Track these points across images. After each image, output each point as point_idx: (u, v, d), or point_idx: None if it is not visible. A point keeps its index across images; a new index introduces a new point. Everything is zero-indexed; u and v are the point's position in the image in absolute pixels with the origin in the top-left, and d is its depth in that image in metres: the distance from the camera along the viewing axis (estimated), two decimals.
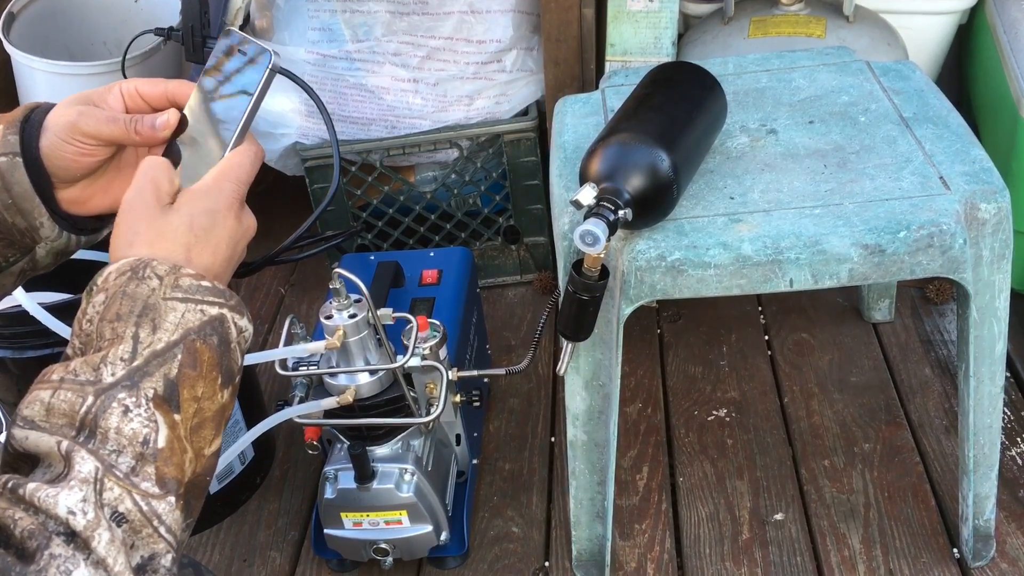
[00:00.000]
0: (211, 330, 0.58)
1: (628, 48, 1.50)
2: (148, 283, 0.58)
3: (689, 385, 1.49)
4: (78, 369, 0.55)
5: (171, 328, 0.57)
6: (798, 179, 0.99)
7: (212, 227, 0.62)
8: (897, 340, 1.52)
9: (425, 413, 1.14)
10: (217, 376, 0.58)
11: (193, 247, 0.61)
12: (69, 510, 0.50)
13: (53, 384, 0.55)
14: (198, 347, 0.57)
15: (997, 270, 0.97)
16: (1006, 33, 1.46)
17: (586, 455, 1.11)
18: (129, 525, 0.52)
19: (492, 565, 1.25)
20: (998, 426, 1.08)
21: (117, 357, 0.55)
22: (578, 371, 1.05)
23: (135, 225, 0.61)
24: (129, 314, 0.57)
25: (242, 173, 0.66)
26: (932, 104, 1.08)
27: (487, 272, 1.75)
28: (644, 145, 0.91)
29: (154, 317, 0.57)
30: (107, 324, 0.57)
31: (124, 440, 0.53)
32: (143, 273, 0.58)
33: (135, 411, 0.54)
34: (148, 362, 0.55)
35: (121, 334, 0.56)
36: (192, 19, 1.41)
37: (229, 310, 0.60)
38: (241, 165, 0.66)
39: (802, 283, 0.94)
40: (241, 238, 0.65)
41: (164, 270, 0.59)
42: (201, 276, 0.60)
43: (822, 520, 1.25)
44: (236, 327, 0.60)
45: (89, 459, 0.52)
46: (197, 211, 0.62)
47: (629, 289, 0.96)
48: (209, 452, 0.58)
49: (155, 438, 0.54)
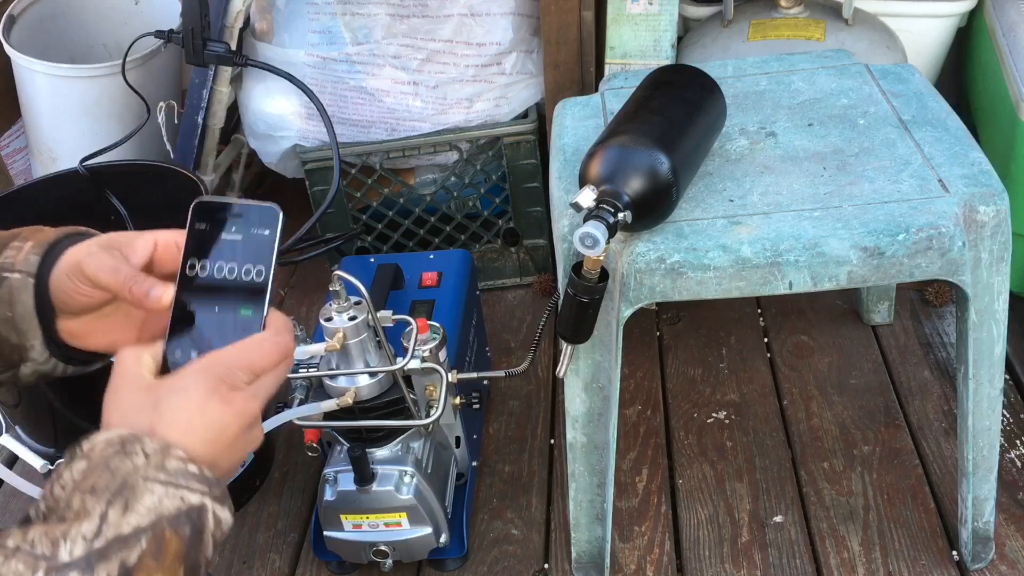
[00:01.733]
0: (186, 519, 0.55)
1: (628, 51, 1.50)
2: (133, 459, 0.55)
3: (689, 387, 1.49)
4: (36, 540, 0.52)
5: (143, 512, 0.54)
6: (797, 182, 1.00)
7: (181, 409, 0.58)
8: (896, 342, 1.52)
9: (425, 415, 1.14)
10: (179, 569, 0.55)
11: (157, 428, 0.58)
12: None
13: (6, 551, 0.52)
14: (167, 536, 0.54)
15: (996, 273, 0.97)
16: (1005, 36, 1.46)
17: (586, 457, 1.11)
18: None
19: (492, 567, 1.25)
20: (997, 428, 1.08)
21: (79, 535, 0.52)
22: (578, 373, 1.05)
23: (117, 399, 0.59)
24: (104, 489, 0.54)
25: (241, 360, 0.60)
26: (931, 107, 1.09)
27: (487, 274, 1.75)
28: (644, 148, 0.91)
29: (129, 497, 0.54)
30: (79, 495, 0.54)
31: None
32: (131, 448, 0.56)
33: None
34: (109, 546, 0.52)
35: (89, 510, 0.54)
36: (192, 22, 1.41)
37: (212, 500, 0.57)
38: (241, 354, 0.60)
39: (801, 285, 0.94)
40: (232, 423, 0.59)
41: (153, 448, 0.56)
42: (190, 459, 0.57)
43: (821, 522, 1.25)
44: (215, 518, 0.57)
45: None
46: (169, 388, 0.59)
47: (628, 291, 0.96)
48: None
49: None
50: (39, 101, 1.73)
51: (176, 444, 0.57)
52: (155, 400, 0.58)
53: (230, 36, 1.52)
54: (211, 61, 1.45)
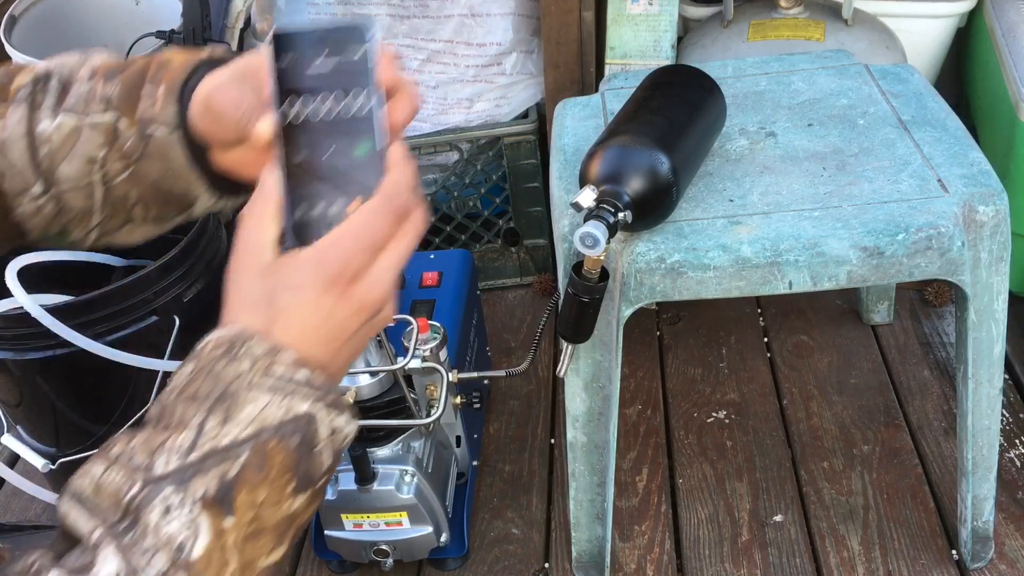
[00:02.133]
0: (292, 429, 0.51)
1: (628, 51, 1.51)
2: (238, 364, 0.51)
3: (689, 387, 1.49)
4: (137, 448, 0.50)
5: (244, 422, 0.50)
6: (797, 182, 1.00)
7: (296, 307, 0.53)
8: (896, 342, 1.52)
9: (425, 415, 1.15)
10: (289, 481, 0.51)
11: (274, 326, 0.53)
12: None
13: (109, 460, 0.50)
14: (270, 448, 0.50)
15: (995, 272, 0.98)
16: (1004, 36, 1.46)
17: (586, 457, 1.11)
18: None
19: (492, 567, 1.26)
20: (996, 428, 1.08)
21: (175, 446, 0.50)
22: (578, 373, 1.05)
23: (238, 282, 0.54)
24: (205, 397, 0.51)
25: (357, 243, 0.53)
26: (930, 107, 1.09)
27: (487, 274, 1.75)
28: (644, 148, 0.91)
29: (229, 407, 0.51)
30: (181, 402, 0.51)
31: (161, 541, 0.48)
32: (238, 351, 0.52)
33: (177, 511, 0.48)
34: (205, 459, 0.49)
35: (187, 421, 0.50)
36: (193, 22, 1.41)
37: (324, 407, 0.52)
38: (354, 235, 0.53)
39: (801, 285, 0.94)
40: (351, 319, 0.54)
41: (261, 351, 0.52)
42: (300, 364, 0.52)
43: (821, 522, 1.25)
44: (329, 427, 0.53)
45: (113, 559, 0.46)
46: (283, 280, 0.53)
47: (629, 291, 0.96)
48: (264, 564, 0.51)
49: (191, 547, 0.48)
50: None
51: (287, 347, 0.52)
52: (270, 293, 0.53)
53: (231, 36, 1.53)
54: None
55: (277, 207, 0.54)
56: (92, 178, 0.65)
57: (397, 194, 0.53)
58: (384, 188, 0.53)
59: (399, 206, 0.53)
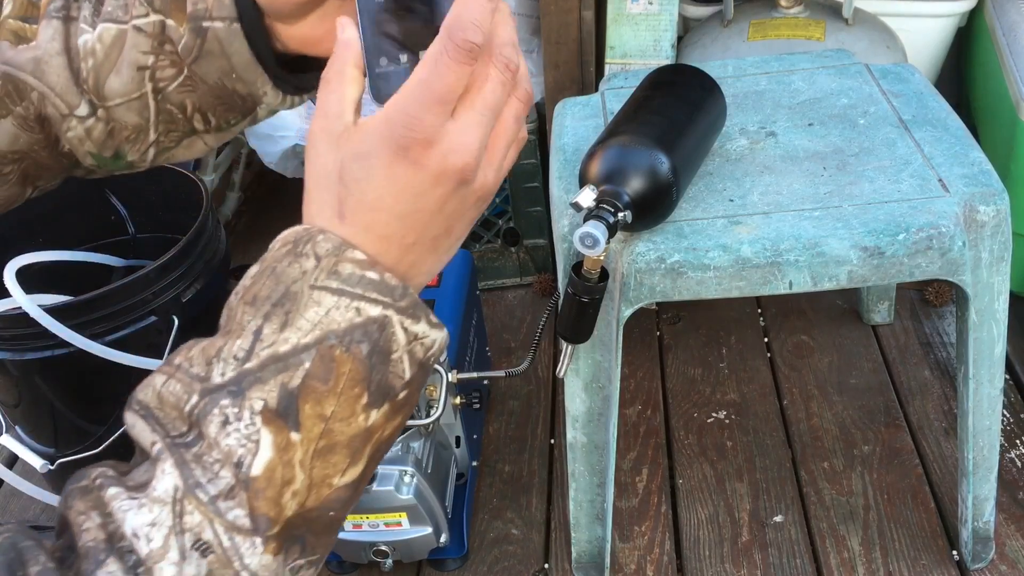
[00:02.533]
0: (361, 335, 0.46)
1: (628, 51, 1.50)
2: (302, 263, 0.46)
3: (689, 387, 1.49)
4: (195, 358, 0.46)
5: (306, 327, 0.45)
6: (797, 181, 1.00)
7: (367, 179, 0.47)
8: (896, 342, 1.52)
9: (425, 415, 1.15)
10: (361, 394, 0.46)
11: (346, 203, 0.47)
12: (134, 532, 0.43)
13: (170, 370, 0.47)
14: (336, 355, 0.45)
15: (996, 272, 0.97)
16: (1005, 36, 1.46)
17: (586, 457, 1.11)
18: (215, 557, 0.44)
19: (492, 567, 1.25)
20: (997, 428, 1.08)
21: (231, 354, 0.45)
22: (578, 373, 1.05)
23: (314, 150, 0.49)
24: (265, 300, 0.46)
25: (424, 97, 0.45)
26: (931, 106, 1.09)
27: (487, 274, 1.75)
28: (644, 147, 0.91)
29: (290, 310, 0.46)
30: (242, 306, 0.47)
31: (222, 455, 0.44)
32: (302, 248, 0.47)
33: (234, 424, 0.44)
34: (264, 366, 0.45)
35: (244, 325, 0.46)
36: None
37: (396, 312, 0.47)
38: (421, 82, 0.46)
39: (801, 285, 0.94)
40: (428, 191, 0.47)
41: (326, 249, 0.46)
42: (371, 263, 0.47)
43: (821, 522, 1.25)
44: (407, 333, 0.47)
45: (171, 473, 0.44)
46: (352, 150, 0.47)
47: (629, 291, 0.96)
48: (340, 483, 0.47)
49: (250, 462, 0.44)
50: None
51: (356, 241, 0.47)
52: (341, 165, 0.47)
53: None
54: None
55: (357, 60, 0.49)
56: (144, 89, 0.59)
57: (460, 30, 0.45)
58: (444, 28, 0.45)
59: (463, 45, 0.45)
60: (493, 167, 0.50)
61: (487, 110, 0.47)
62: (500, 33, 0.47)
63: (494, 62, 0.47)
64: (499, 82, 0.47)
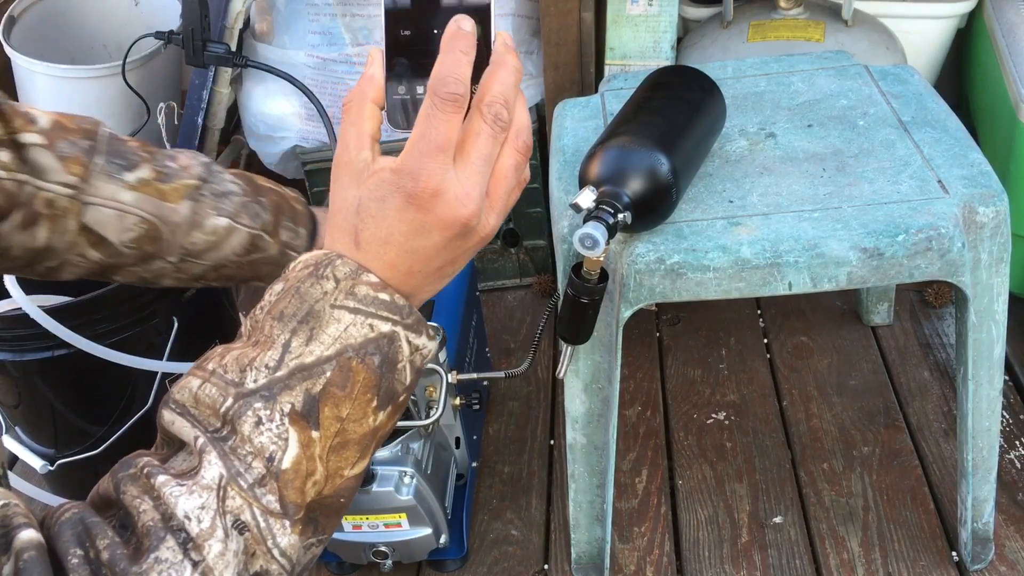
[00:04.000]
0: (374, 348, 0.53)
1: (627, 52, 1.50)
2: (323, 284, 0.53)
3: (688, 388, 1.49)
4: (229, 365, 0.53)
5: (328, 341, 0.52)
6: (797, 182, 1.00)
7: (381, 218, 0.54)
8: (896, 343, 1.52)
9: (425, 416, 1.15)
10: (371, 399, 0.54)
11: (361, 234, 0.55)
12: (186, 514, 0.49)
13: (204, 374, 0.53)
14: (353, 366, 0.53)
15: (995, 273, 0.97)
16: (1004, 37, 1.46)
17: (585, 458, 1.11)
18: (251, 534, 0.50)
19: (491, 568, 1.25)
20: (996, 429, 1.08)
21: (263, 363, 0.52)
22: (577, 374, 1.05)
23: (338, 179, 0.56)
24: (291, 317, 0.53)
25: (424, 147, 0.53)
26: (930, 108, 1.09)
27: (486, 275, 1.75)
28: (643, 148, 0.91)
29: (314, 326, 0.53)
30: (269, 320, 0.54)
31: (256, 450, 0.51)
32: (323, 271, 0.54)
33: (267, 424, 0.51)
34: (292, 375, 0.52)
35: (274, 339, 0.53)
36: (192, 22, 1.41)
37: (403, 328, 0.54)
38: (420, 136, 0.53)
39: (801, 286, 0.94)
40: (435, 233, 0.54)
41: (344, 272, 0.54)
42: (382, 286, 0.54)
43: (821, 523, 1.25)
44: (410, 345, 0.55)
45: (217, 464, 0.50)
46: (369, 191, 0.54)
47: (628, 292, 0.96)
48: (350, 474, 0.54)
49: (280, 457, 0.51)
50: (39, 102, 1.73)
51: (369, 267, 0.54)
52: (359, 200, 0.54)
53: (230, 37, 1.52)
54: (211, 62, 1.45)
55: (378, 95, 0.56)
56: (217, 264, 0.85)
57: (442, 85, 0.51)
58: (428, 87, 0.52)
59: (446, 97, 0.51)
60: (495, 212, 0.56)
61: (482, 161, 0.54)
62: (493, 89, 0.54)
63: (484, 118, 0.53)
64: (489, 136, 0.54)
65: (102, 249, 0.81)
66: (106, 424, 1.25)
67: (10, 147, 0.76)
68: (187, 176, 0.83)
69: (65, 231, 0.79)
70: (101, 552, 0.47)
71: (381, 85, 0.56)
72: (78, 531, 0.48)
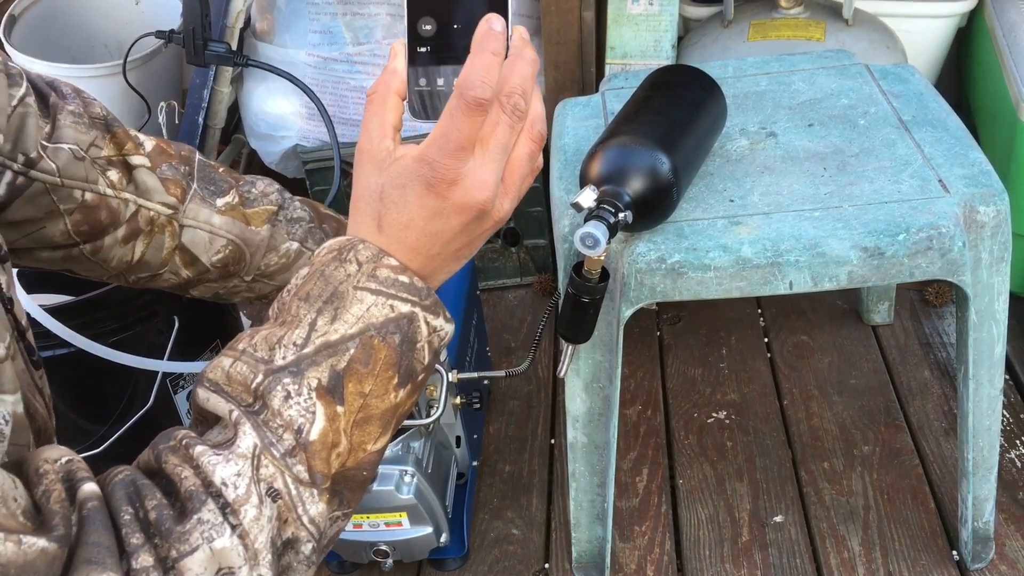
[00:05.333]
0: (395, 328, 0.56)
1: (628, 51, 1.50)
2: (346, 267, 0.57)
3: (689, 387, 1.49)
4: (258, 344, 0.56)
5: (351, 320, 0.55)
6: (798, 182, 1.00)
7: (402, 204, 0.57)
8: (896, 343, 1.52)
9: (425, 415, 1.15)
10: (392, 376, 0.57)
11: (384, 219, 0.58)
12: (223, 481, 0.51)
13: (236, 354, 0.56)
14: (375, 344, 0.56)
15: (996, 273, 0.97)
16: (1005, 36, 1.46)
17: (586, 457, 1.11)
18: (283, 501, 0.53)
19: (492, 567, 1.25)
20: (997, 428, 1.08)
21: (291, 341, 0.55)
22: (578, 373, 1.05)
23: (360, 167, 0.59)
24: (317, 298, 0.56)
25: (444, 144, 0.55)
26: (931, 107, 1.09)
27: (487, 274, 1.75)
28: (644, 148, 0.91)
29: (338, 306, 0.56)
30: (296, 301, 0.57)
31: (286, 422, 0.54)
32: (346, 255, 0.57)
33: (296, 399, 0.54)
34: (318, 352, 0.55)
35: (301, 318, 0.56)
36: (193, 22, 1.41)
37: (422, 309, 0.57)
38: (441, 133, 0.56)
39: (801, 285, 0.94)
40: (451, 219, 0.57)
41: (366, 256, 0.57)
42: (402, 269, 0.57)
43: (822, 522, 1.25)
44: (428, 326, 0.58)
45: (251, 434, 0.53)
46: (390, 179, 0.57)
47: (629, 291, 0.96)
48: (372, 448, 0.57)
49: (308, 429, 0.54)
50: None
51: (391, 250, 0.57)
52: (381, 187, 0.57)
53: (231, 36, 1.53)
54: (212, 61, 1.45)
55: (400, 87, 0.58)
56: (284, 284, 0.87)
57: (470, 89, 0.54)
58: (457, 86, 0.55)
59: (472, 102, 0.54)
60: (509, 197, 0.59)
61: (499, 150, 0.56)
62: (511, 81, 0.56)
63: (503, 108, 0.56)
64: (508, 125, 0.56)
65: (193, 268, 0.87)
66: (107, 423, 1.25)
67: (120, 167, 0.81)
68: (267, 202, 0.89)
69: (161, 247, 0.84)
70: (149, 512, 0.50)
71: (403, 78, 0.58)
72: (129, 491, 0.51)
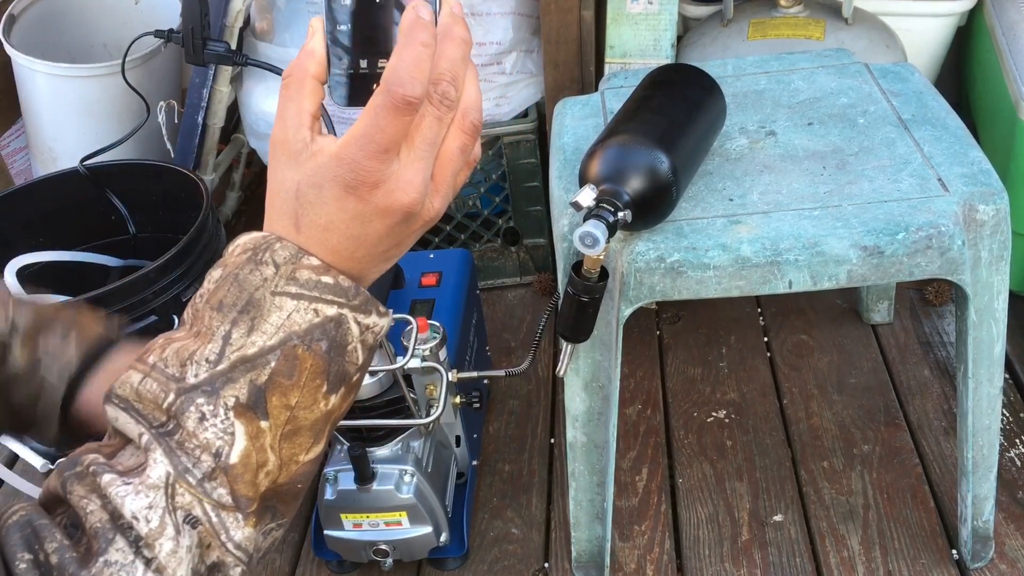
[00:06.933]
0: (320, 334, 0.51)
1: (627, 50, 1.50)
2: (262, 270, 0.51)
3: (688, 386, 1.49)
4: (169, 359, 0.51)
5: (270, 331, 0.50)
6: (797, 181, 1.00)
7: (319, 204, 0.51)
8: (896, 342, 1.52)
9: (425, 414, 1.15)
10: (321, 384, 0.51)
11: (301, 220, 0.51)
12: (133, 515, 0.48)
13: (146, 368, 0.51)
14: (299, 354, 0.50)
15: (995, 272, 0.97)
16: (1004, 35, 1.46)
17: (586, 456, 1.11)
18: (203, 527, 0.49)
19: (492, 566, 1.25)
20: (996, 427, 1.08)
21: (203, 358, 0.50)
22: (578, 372, 1.05)
23: (275, 161, 0.53)
24: (231, 307, 0.51)
25: (365, 144, 0.49)
26: (931, 106, 1.09)
27: (487, 274, 1.75)
28: (643, 147, 0.91)
29: (255, 316, 0.50)
30: (208, 311, 0.51)
31: (202, 445, 0.49)
32: (262, 256, 0.51)
33: (211, 420, 0.49)
34: (234, 367, 0.50)
35: (214, 330, 0.50)
36: (192, 21, 1.41)
37: (351, 310, 0.52)
38: (363, 132, 0.49)
39: (801, 284, 0.94)
40: (374, 219, 0.51)
41: (284, 256, 0.51)
42: (325, 268, 0.51)
43: (821, 521, 1.25)
44: (360, 326, 0.52)
45: (163, 461, 0.49)
46: (307, 176, 0.51)
47: (628, 290, 0.96)
48: (305, 459, 0.53)
49: (228, 452, 0.49)
50: (39, 101, 1.73)
51: (311, 251, 0.51)
52: (297, 185, 0.51)
53: (230, 35, 1.52)
54: (211, 60, 1.45)
55: (319, 71, 0.52)
56: None
57: (398, 85, 0.48)
58: (383, 81, 0.49)
59: (400, 101, 0.48)
60: (440, 195, 0.53)
61: (426, 146, 0.50)
62: (439, 65, 0.50)
63: (430, 98, 0.50)
64: (435, 118, 0.50)
65: None
66: None
67: None
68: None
69: None
70: (50, 556, 0.47)
71: (323, 60, 0.52)
72: (26, 534, 0.47)
